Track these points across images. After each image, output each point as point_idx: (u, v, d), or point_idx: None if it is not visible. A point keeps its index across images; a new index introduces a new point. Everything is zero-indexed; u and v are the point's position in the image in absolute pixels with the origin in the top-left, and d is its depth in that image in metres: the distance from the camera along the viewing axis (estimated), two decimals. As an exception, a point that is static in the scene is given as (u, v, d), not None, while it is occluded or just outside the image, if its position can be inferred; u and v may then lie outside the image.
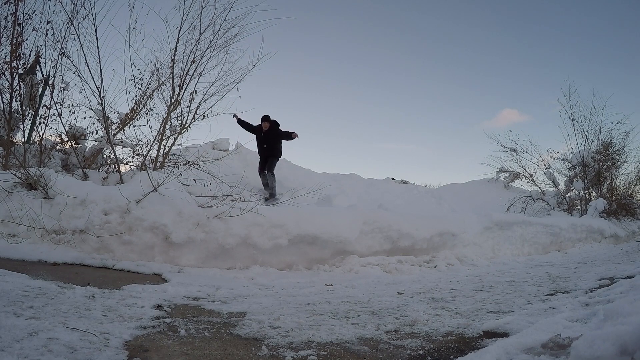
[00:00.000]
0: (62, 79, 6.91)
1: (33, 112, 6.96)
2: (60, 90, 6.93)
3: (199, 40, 6.81)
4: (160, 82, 7.05)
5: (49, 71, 6.83)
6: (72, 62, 6.56)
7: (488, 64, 30.69)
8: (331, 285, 5.16)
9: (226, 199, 5.98)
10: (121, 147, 7.52)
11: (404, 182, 14.35)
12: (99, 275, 4.70)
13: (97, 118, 7.07)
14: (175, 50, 6.79)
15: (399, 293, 4.73)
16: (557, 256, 9.40)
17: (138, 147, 7.28)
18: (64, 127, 7.05)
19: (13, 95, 6.63)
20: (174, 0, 6.64)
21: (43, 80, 6.89)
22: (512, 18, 29.59)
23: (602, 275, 5.50)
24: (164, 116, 6.86)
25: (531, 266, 7.54)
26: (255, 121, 8.75)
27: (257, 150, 8.83)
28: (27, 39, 6.77)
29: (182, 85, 6.87)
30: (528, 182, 13.71)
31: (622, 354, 1.80)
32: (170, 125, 6.97)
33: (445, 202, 12.15)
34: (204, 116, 6.95)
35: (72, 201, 5.50)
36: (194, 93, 6.92)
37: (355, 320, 3.43)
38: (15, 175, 5.62)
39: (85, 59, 6.31)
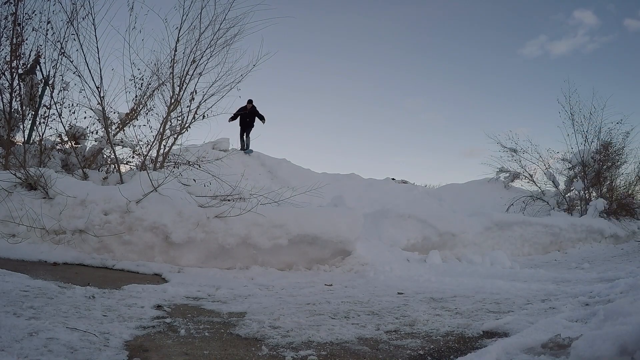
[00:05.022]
0: (62, 79, 6.91)
1: (33, 112, 6.96)
2: (60, 90, 6.92)
3: (198, 40, 6.80)
4: (160, 82, 7.04)
5: (49, 71, 6.84)
6: (72, 62, 6.56)
7: (486, 64, 30.67)
8: (331, 285, 5.16)
9: (226, 198, 5.98)
10: (121, 147, 7.51)
11: (404, 182, 14.34)
12: (99, 275, 4.71)
13: (97, 118, 7.06)
14: (175, 50, 6.78)
15: (399, 293, 4.73)
16: (557, 256, 9.41)
17: (138, 147, 7.28)
18: (64, 127, 7.05)
19: (13, 95, 6.63)
20: (174, 0, 6.64)
21: (43, 80, 6.89)
22: (510, 18, 29.58)
23: (602, 276, 5.51)
24: (164, 116, 6.85)
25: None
26: None
27: (239, 123, 12.80)
28: (27, 39, 6.77)
29: (182, 85, 6.86)
30: (528, 182, 13.68)
31: (622, 354, 1.80)
32: (170, 125, 6.96)
33: (445, 202, 12.15)
34: (204, 116, 6.94)
35: (72, 201, 5.50)
36: (194, 93, 6.91)
37: (355, 320, 3.43)
38: (15, 175, 5.62)
39: (85, 59, 6.31)
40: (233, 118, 12.31)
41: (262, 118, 12.62)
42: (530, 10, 28.75)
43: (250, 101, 12.53)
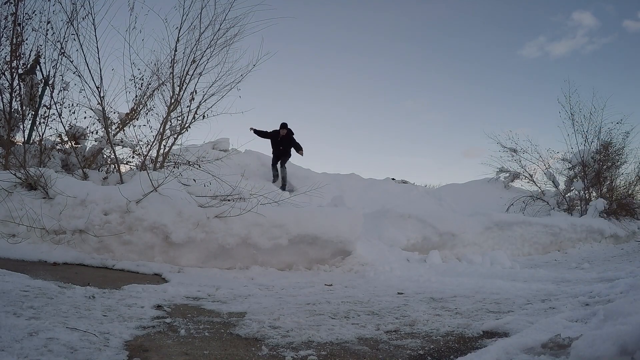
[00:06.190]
0: (62, 79, 6.90)
1: (33, 112, 6.96)
2: (60, 90, 6.92)
3: (198, 40, 6.80)
4: (160, 82, 7.04)
5: (49, 71, 6.83)
6: (72, 62, 6.55)
7: (486, 64, 30.67)
8: (331, 285, 5.16)
9: (226, 198, 5.98)
10: (121, 147, 7.51)
11: (404, 182, 14.34)
12: (99, 275, 4.71)
13: (97, 118, 7.07)
14: (175, 50, 6.78)
15: (399, 293, 4.73)
16: (557, 256, 9.41)
17: (138, 147, 7.28)
18: (64, 127, 7.05)
19: (13, 95, 6.63)
20: (174, 0, 6.64)
21: (43, 80, 6.89)
22: (509, 20, 29.57)
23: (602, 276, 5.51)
24: (164, 116, 6.85)
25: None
26: (267, 129, 10.98)
27: (272, 149, 10.97)
28: (27, 39, 6.77)
29: (182, 85, 6.86)
30: (528, 182, 13.68)
31: (622, 354, 1.80)
32: (170, 125, 6.97)
33: (445, 202, 12.15)
34: (204, 116, 6.94)
35: (72, 201, 5.50)
36: (194, 93, 6.91)
37: (355, 320, 3.43)
38: (15, 175, 5.62)
39: (85, 59, 6.31)
40: (258, 133, 10.77)
41: (298, 148, 10.59)
42: (529, 11, 28.75)
43: (284, 125, 10.64)
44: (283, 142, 10.64)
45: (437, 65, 30.36)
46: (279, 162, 10.81)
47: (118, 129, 7.35)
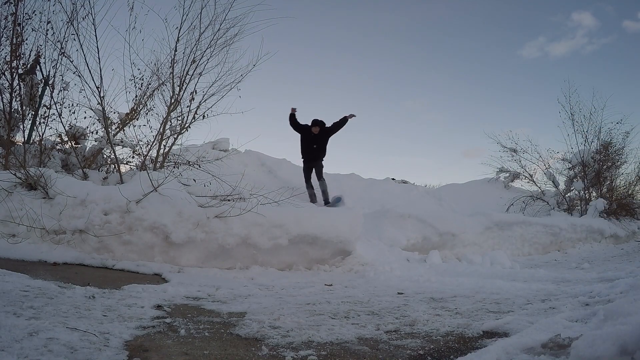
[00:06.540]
0: (62, 79, 6.89)
1: (33, 112, 6.95)
2: (60, 90, 6.92)
3: (198, 40, 6.80)
4: (160, 82, 7.04)
5: (49, 71, 6.82)
6: (72, 62, 6.55)
7: (486, 64, 30.64)
8: (331, 285, 5.16)
9: (226, 198, 5.98)
10: (121, 147, 7.51)
11: (404, 182, 14.32)
12: (99, 275, 4.71)
13: (97, 118, 7.06)
14: (175, 50, 6.78)
15: (399, 293, 4.73)
16: (557, 256, 9.41)
17: (138, 147, 7.28)
18: (64, 127, 7.04)
19: (13, 95, 6.62)
20: (174, 0, 6.64)
21: (43, 80, 6.88)
22: (509, 20, 29.56)
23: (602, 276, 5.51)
24: (164, 116, 6.85)
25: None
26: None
27: (301, 151, 9.54)
28: (27, 39, 6.76)
29: (182, 85, 6.86)
30: (528, 182, 13.66)
31: (622, 354, 1.80)
32: (170, 125, 6.97)
33: (445, 202, 12.15)
34: (204, 116, 6.94)
35: (72, 201, 5.50)
36: (194, 93, 6.91)
37: (355, 320, 3.44)
38: (15, 175, 5.62)
39: (85, 59, 6.30)
40: (293, 119, 9.51)
41: (340, 126, 9.34)
42: (529, 11, 28.69)
43: (316, 122, 9.22)
44: (317, 140, 9.30)
45: (437, 65, 30.30)
46: (312, 173, 9.47)
47: (118, 129, 7.35)
